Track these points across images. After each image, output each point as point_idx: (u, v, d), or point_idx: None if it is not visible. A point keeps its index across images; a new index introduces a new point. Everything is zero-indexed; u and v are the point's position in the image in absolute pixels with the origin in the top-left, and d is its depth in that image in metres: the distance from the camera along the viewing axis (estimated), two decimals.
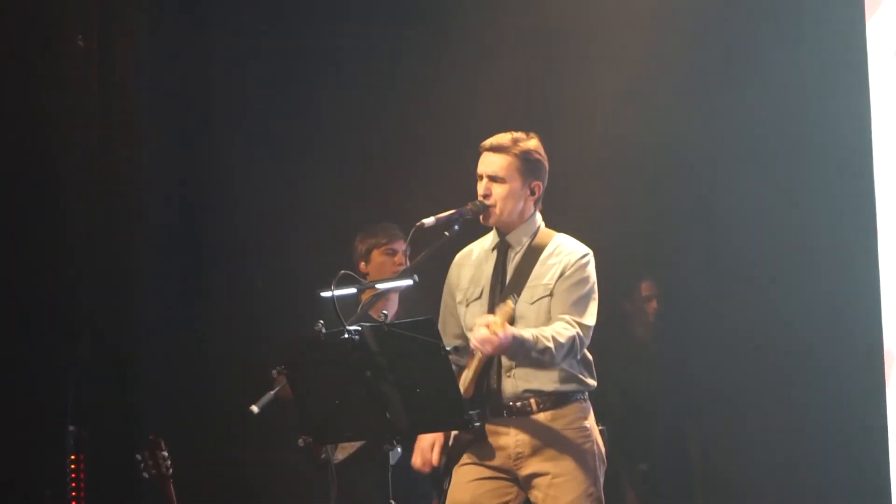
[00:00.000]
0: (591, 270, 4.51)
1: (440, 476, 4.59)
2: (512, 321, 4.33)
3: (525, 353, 4.28)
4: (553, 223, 4.64)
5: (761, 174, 6.58)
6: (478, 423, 4.34)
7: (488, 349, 4.25)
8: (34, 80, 6.36)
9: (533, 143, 4.56)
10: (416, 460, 4.57)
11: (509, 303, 4.28)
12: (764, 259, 6.57)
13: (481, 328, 4.23)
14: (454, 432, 4.53)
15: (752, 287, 6.59)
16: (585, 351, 4.48)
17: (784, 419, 6.49)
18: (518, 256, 4.55)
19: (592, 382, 4.54)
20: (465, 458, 4.53)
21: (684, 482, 6.82)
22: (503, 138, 4.54)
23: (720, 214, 6.65)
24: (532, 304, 4.47)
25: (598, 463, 4.49)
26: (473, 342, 4.26)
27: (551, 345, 4.29)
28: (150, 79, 6.73)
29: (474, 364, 4.41)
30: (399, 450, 4.27)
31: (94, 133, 6.50)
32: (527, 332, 4.28)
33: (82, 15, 6.49)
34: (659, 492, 6.80)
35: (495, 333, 4.19)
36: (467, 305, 4.59)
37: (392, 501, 4.24)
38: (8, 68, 6.31)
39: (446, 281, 4.71)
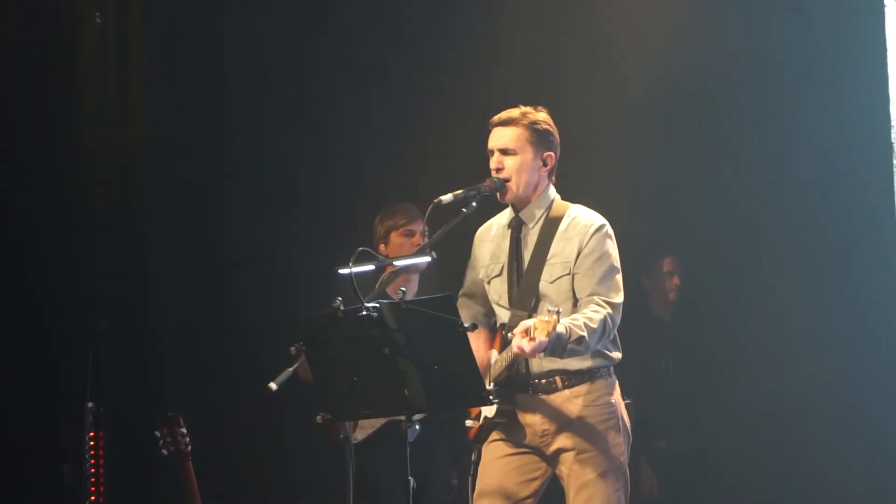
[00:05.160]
0: (610, 242, 4.50)
1: (468, 448, 4.60)
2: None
3: (561, 347, 4.27)
4: (574, 199, 4.61)
5: (784, 152, 6.55)
6: (497, 400, 4.34)
7: (532, 355, 4.25)
8: (52, 57, 6.36)
9: (542, 115, 4.58)
10: None
11: (554, 317, 4.15)
12: (786, 235, 6.54)
13: (520, 335, 4.19)
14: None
15: (774, 263, 6.57)
16: None
17: (804, 397, 6.46)
18: (535, 232, 4.55)
19: (618, 355, 4.54)
20: (494, 435, 4.57)
21: (701, 459, 6.80)
22: (512, 112, 4.57)
23: (743, 191, 6.62)
24: (552, 282, 4.47)
25: (623, 438, 4.51)
26: (514, 348, 4.23)
27: (585, 333, 4.29)
28: (167, 55, 6.71)
29: (507, 354, 4.39)
30: (417, 427, 4.25)
31: (111, 109, 6.49)
32: (560, 327, 4.22)
33: None
34: (675, 468, 6.79)
35: (533, 339, 4.15)
36: (489, 282, 4.64)
37: (410, 478, 4.23)
38: (26, 45, 6.30)
39: (471, 255, 4.72)
